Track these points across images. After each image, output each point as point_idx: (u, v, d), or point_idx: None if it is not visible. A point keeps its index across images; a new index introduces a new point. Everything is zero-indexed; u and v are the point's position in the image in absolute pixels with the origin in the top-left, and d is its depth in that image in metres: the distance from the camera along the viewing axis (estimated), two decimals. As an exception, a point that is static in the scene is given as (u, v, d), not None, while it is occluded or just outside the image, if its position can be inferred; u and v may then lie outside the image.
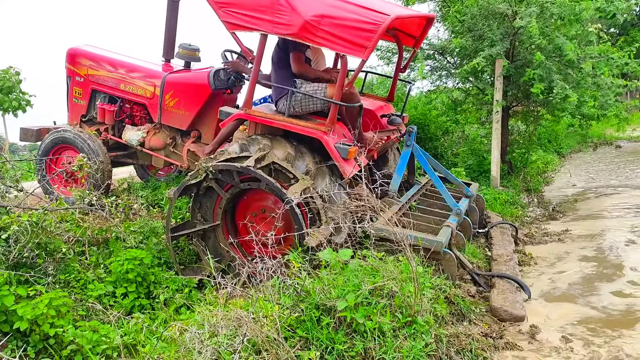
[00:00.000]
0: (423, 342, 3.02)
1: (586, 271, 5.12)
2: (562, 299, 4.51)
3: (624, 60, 7.21)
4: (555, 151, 13.66)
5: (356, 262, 3.40)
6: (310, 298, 3.11)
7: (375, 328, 2.97)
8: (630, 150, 14.65)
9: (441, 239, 4.39)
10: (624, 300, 4.40)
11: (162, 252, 4.80)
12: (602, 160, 13.13)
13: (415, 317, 3.12)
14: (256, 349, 2.75)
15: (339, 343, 2.91)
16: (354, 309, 3.00)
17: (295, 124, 4.50)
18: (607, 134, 17.98)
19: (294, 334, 2.96)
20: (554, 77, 6.94)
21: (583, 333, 3.85)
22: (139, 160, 6.58)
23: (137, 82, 6.19)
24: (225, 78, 5.83)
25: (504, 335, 3.74)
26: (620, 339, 3.74)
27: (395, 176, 5.28)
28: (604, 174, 11.07)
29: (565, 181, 10.44)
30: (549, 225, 7.11)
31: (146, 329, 3.48)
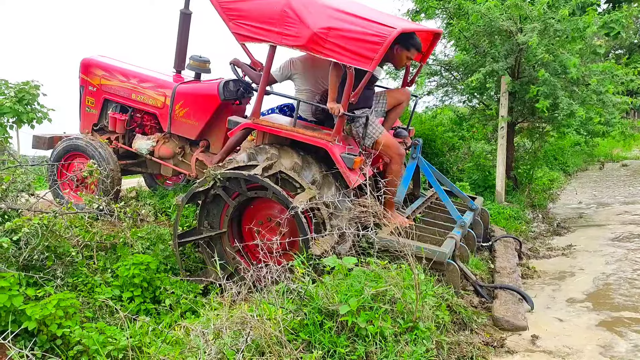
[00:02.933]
0: (424, 347, 3.06)
1: (589, 285, 5.13)
2: (565, 311, 4.52)
3: (629, 77, 7.27)
4: (561, 169, 13.65)
5: (359, 269, 3.45)
6: (313, 302, 3.16)
7: (377, 332, 3.02)
8: (637, 169, 14.63)
9: (445, 250, 4.44)
10: (623, 313, 4.41)
11: (169, 258, 4.87)
12: (608, 179, 13.13)
13: (416, 323, 3.16)
14: (260, 350, 2.80)
15: (341, 346, 2.96)
16: (356, 314, 3.04)
17: (302, 133, 4.58)
18: (613, 153, 17.97)
19: (297, 337, 3.01)
20: (559, 93, 7.01)
21: (584, 343, 3.86)
22: (148, 169, 6.68)
23: (149, 92, 6.32)
24: (234, 89, 5.95)
25: (505, 344, 3.76)
26: (621, 343, 3.76)
27: (400, 187, 5.34)
28: (610, 191, 11.08)
29: (570, 198, 10.45)
30: (553, 240, 7.12)
31: (151, 331, 3.54)
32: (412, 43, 4.78)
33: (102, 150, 6.06)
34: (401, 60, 4.87)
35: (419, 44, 4.84)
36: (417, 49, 4.84)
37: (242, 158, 4.66)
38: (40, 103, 9.94)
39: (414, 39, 4.80)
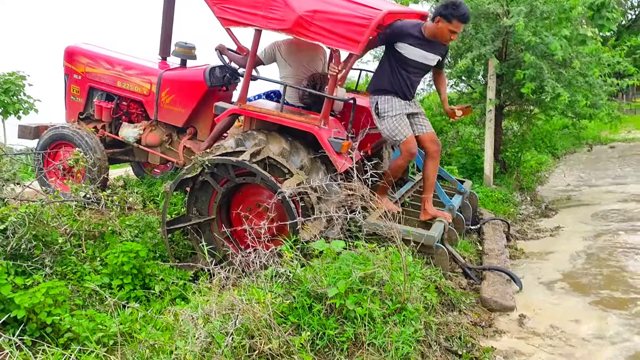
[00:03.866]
0: (412, 328, 3.09)
1: (577, 265, 5.20)
2: (552, 290, 4.58)
3: (616, 59, 7.30)
4: (549, 152, 13.74)
5: (347, 252, 3.46)
6: (302, 286, 3.18)
7: (365, 314, 3.04)
8: (624, 151, 14.76)
9: (433, 234, 4.47)
10: (611, 292, 4.48)
11: (157, 245, 4.86)
12: (596, 161, 13.24)
13: (405, 305, 3.19)
14: (249, 333, 2.81)
15: (329, 329, 2.98)
16: (344, 296, 3.07)
17: (289, 118, 4.57)
18: (601, 135, 18.11)
19: (286, 320, 3.02)
20: (545, 76, 7.03)
21: (571, 322, 3.93)
22: (135, 157, 6.64)
23: (134, 80, 6.26)
24: (220, 75, 5.91)
25: (493, 324, 3.82)
26: (608, 322, 3.82)
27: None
28: (598, 173, 11.18)
29: (558, 180, 10.54)
30: (541, 222, 7.19)
31: (141, 318, 3.55)
32: (453, 14, 4.33)
33: (89, 139, 6.02)
34: (444, 35, 4.47)
35: (461, 15, 4.34)
36: (460, 20, 4.35)
37: (230, 144, 4.64)
38: (26, 94, 9.86)
39: (456, 9, 4.32)
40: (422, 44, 4.58)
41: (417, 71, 4.77)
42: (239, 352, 2.74)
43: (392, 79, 4.71)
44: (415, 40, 4.56)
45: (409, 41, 4.56)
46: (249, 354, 2.74)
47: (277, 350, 2.65)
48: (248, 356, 2.73)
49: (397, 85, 4.71)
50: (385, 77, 4.77)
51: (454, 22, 4.36)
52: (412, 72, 4.73)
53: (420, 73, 4.86)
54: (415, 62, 4.67)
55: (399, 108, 4.73)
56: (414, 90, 4.89)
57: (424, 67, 4.78)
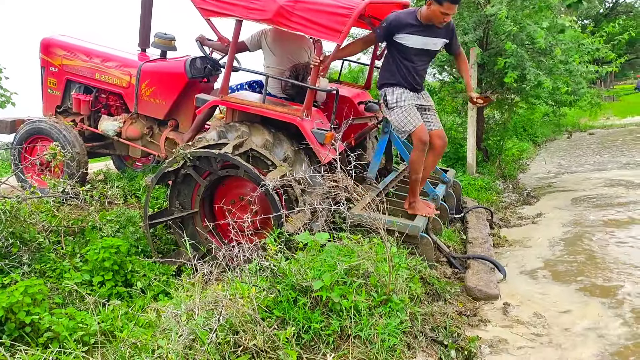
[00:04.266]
0: (398, 319, 3.08)
1: (559, 252, 5.24)
2: (536, 278, 4.61)
3: (595, 46, 7.36)
4: (530, 139, 13.88)
5: (332, 244, 3.43)
6: (286, 279, 3.14)
7: (351, 307, 3.02)
8: (603, 137, 14.96)
9: (418, 224, 4.47)
10: (594, 280, 4.52)
11: (139, 240, 4.79)
12: (576, 148, 13.40)
13: (390, 296, 3.18)
14: (233, 329, 2.78)
15: (315, 322, 2.95)
16: (329, 289, 3.04)
17: (271, 109, 4.51)
18: (581, 122, 18.35)
19: (271, 315, 2.99)
20: (527, 64, 7.05)
21: (555, 310, 3.95)
22: (115, 151, 6.53)
23: (113, 72, 6.14)
24: (201, 67, 5.82)
25: (478, 313, 3.83)
26: (591, 309, 3.86)
27: (372, 162, 5.34)
28: (577, 160, 11.31)
29: (540, 168, 10.63)
30: (524, 209, 7.25)
31: (123, 315, 3.49)
32: None
33: (67, 132, 5.90)
34: (437, 17, 4.38)
35: None
36: (451, 1, 4.29)
37: (212, 136, 4.57)
38: (2, 87, 9.63)
39: None
40: (421, 30, 4.52)
41: (421, 59, 4.70)
42: (224, 349, 2.70)
43: (397, 71, 4.67)
44: (413, 28, 4.50)
45: (407, 30, 4.50)
46: (234, 349, 2.70)
47: (262, 345, 2.62)
48: (233, 352, 2.70)
49: (403, 77, 4.66)
50: (390, 70, 4.73)
51: (445, 4, 4.30)
52: (416, 62, 4.67)
53: (425, 60, 4.79)
54: (417, 50, 4.60)
55: (408, 98, 4.68)
56: (421, 80, 4.83)
57: (428, 53, 4.71)
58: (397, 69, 4.67)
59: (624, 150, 12.23)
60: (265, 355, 2.67)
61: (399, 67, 4.66)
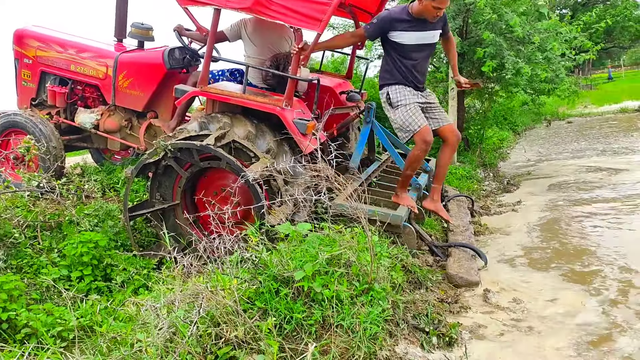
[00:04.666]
0: (380, 307, 3.08)
1: (539, 238, 5.31)
2: (515, 265, 4.66)
3: (573, 35, 7.42)
4: (510, 128, 14.01)
5: (314, 234, 3.42)
6: (268, 270, 3.12)
7: (332, 296, 3.01)
8: (581, 125, 15.16)
9: (400, 213, 4.47)
10: (572, 266, 4.58)
11: (119, 234, 4.72)
12: (555, 136, 13.56)
13: (372, 285, 3.18)
14: (215, 321, 2.75)
15: (297, 312, 2.94)
16: (311, 279, 3.02)
17: (252, 99, 4.46)
18: (559, 111, 18.57)
19: (253, 306, 2.97)
20: (505, 53, 7.09)
21: (534, 296, 4.00)
22: (93, 144, 6.41)
23: (88, 63, 6.02)
24: (180, 57, 5.73)
25: (459, 300, 3.86)
26: (569, 296, 3.91)
27: (355, 152, 5.32)
28: (556, 147, 11.45)
29: (519, 156, 10.74)
30: (504, 197, 7.32)
31: (103, 309, 3.44)
32: None
33: (43, 126, 5.77)
34: (430, 12, 4.31)
35: None
36: None
37: (194, 127, 4.51)
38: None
39: None
40: (414, 25, 4.43)
41: (419, 56, 4.59)
42: (205, 341, 2.68)
43: (397, 70, 4.57)
44: (407, 24, 4.42)
45: (401, 27, 4.42)
46: (215, 341, 2.68)
47: (243, 336, 2.60)
48: (214, 344, 2.68)
49: (404, 76, 4.57)
50: (389, 70, 4.64)
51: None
52: (415, 58, 4.56)
53: (424, 56, 4.66)
54: (414, 46, 4.51)
55: (411, 97, 4.58)
56: (423, 78, 4.73)
57: (426, 48, 4.60)
58: (396, 68, 4.58)
59: (600, 138, 12.42)
60: (247, 346, 2.65)
61: (398, 66, 4.56)
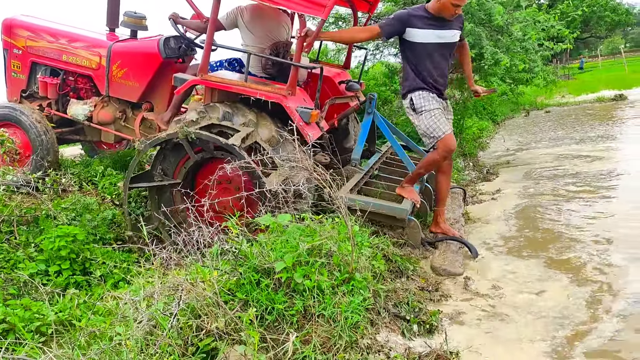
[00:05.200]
0: (361, 297, 3.09)
1: (517, 226, 5.38)
2: (495, 253, 4.72)
3: (550, 23, 7.49)
4: (489, 118, 14.12)
5: (294, 225, 3.41)
6: (248, 261, 3.12)
7: (314, 286, 3.02)
8: (558, 115, 15.35)
9: (405, 207, 4.45)
10: (549, 253, 4.65)
11: (97, 228, 4.66)
12: (533, 125, 13.71)
13: (353, 274, 3.19)
14: (195, 313, 2.74)
15: (278, 303, 2.94)
16: (292, 269, 3.03)
17: (255, 88, 4.40)
18: (538, 101, 18.78)
19: (234, 297, 2.96)
20: (484, 43, 7.13)
21: (512, 281, 4.06)
22: (86, 137, 6.27)
23: (81, 53, 5.87)
24: (176, 46, 5.61)
25: (439, 288, 3.90)
26: (548, 284, 3.98)
27: (357, 144, 5.28)
28: (534, 136, 11.59)
29: (499, 145, 10.85)
30: (483, 186, 7.40)
31: (82, 304, 3.41)
32: None
33: (34, 118, 5.60)
34: (448, 9, 4.21)
35: None
36: None
37: (192, 117, 4.43)
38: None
39: None
40: (432, 23, 4.31)
41: (439, 56, 4.44)
42: (186, 333, 2.66)
43: (417, 76, 4.47)
44: (424, 21, 4.29)
45: (418, 24, 4.29)
46: (196, 333, 2.67)
47: (224, 328, 2.60)
48: (195, 336, 2.67)
49: (424, 81, 4.45)
50: (409, 77, 4.54)
51: None
52: (435, 58, 4.41)
53: (444, 56, 4.50)
54: (433, 45, 4.36)
55: (435, 103, 4.50)
56: (444, 82, 4.62)
57: (445, 47, 4.46)
58: (416, 73, 4.47)
59: (576, 127, 12.61)
60: (228, 337, 2.64)
61: (418, 71, 4.45)
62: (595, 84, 22.44)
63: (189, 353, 2.58)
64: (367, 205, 4.28)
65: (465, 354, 3.00)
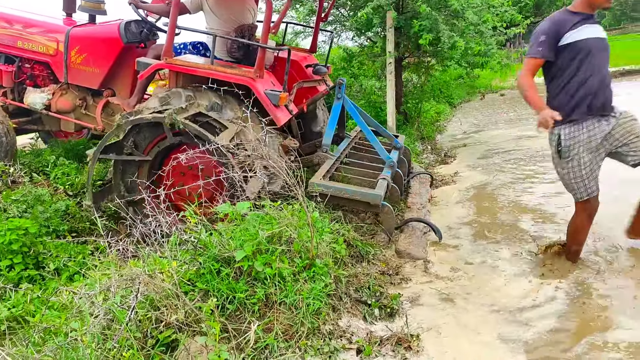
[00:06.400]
0: (322, 283, 3.11)
1: (474, 208, 5.49)
2: (454, 236, 4.81)
3: (504, 8, 7.63)
4: (447, 102, 14.34)
5: (253, 213, 3.39)
6: (208, 251, 3.08)
7: (275, 274, 3.01)
8: (513, 97, 15.70)
9: (380, 192, 4.45)
10: (505, 235, 4.78)
11: (50, 220, 4.50)
12: (489, 108, 14.00)
13: (313, 261, 3.20)
14: (154, 305, 2.69)
15: (239, 292, 2.92)
16: (252, 258, 3.01)
17: (221, 71, 4.30)
18: (493, 84, 19.15)
19: (194, 288, 2.93)
20: (441, 27, 7.20)
21: (470, 264, 4.15)
22: (45, 126, 6.00)
23: (37, 39, 5.61)
24: (137, 31, 5.42)
25: (400, 272, 3.95)
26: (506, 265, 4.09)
27: (327, 129, 5.26)
28: (490, 119, 11.84)
29: (456, 128, 11.04)
30: (442, 169, 7.52)
31: (36, 299, 3.30)
32: None
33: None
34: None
35: None
36: None
37: (154, 104, 4.31)
38: None
39: None
40: (583, 19, 3.48)
41: (599, 57, 3.48)
42: (145, 325, 2.62)
43: (572, 95, 3.49)
44: (576, 18, 3.48)
45: (571, 22, 3.47)
46: (156, 325, 2.63)
47: (184, 319, 2.56)
48: (155, 328, 2.62)
49: (582, 97, 3.46)
50: (560, 99, 3.55)
51: None
52: (596, 60, 3.46)
53: (605, 58, 3.53)
54: (592, 41, 3.46)
55: (587, 144, 3.52)
56: (609, 93, 3.53)
57: (602, 45, 3.51)
58: (570, 89, 3.50)
59: (525, 109, 12.92)
60: (188, 329, 2.61)
61: (573, 85, 3.49)
62: (548, 67, 22.99)
63: (149, 346, 2.54)
64: (341, 191, 4.29)
65: (425, 336, 3.06)
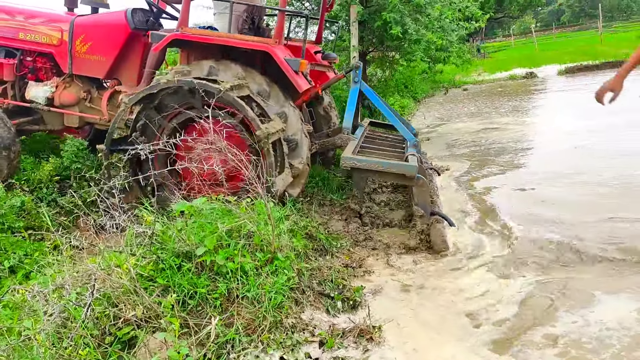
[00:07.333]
0: (285, 276, 3.10)
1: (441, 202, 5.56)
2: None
3: (465, 4, 7.75)
4: (411, 96, 14.50)
5: (209, 205, 3.34)
6: (168, 245, 3.03)
7: (237, 268, 2.98)
8: (475, 92, 15.99)
9: (415, 164, 4.43)
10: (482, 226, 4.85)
11: (5, 216, 4.36)
12: (452, 102, 14.21)
13: (275, 254, 3.18)
14: (112, 302, 2.64)
15: (201, 287, 2.89)
16: (214, 252, 2.98)
17: (240, 39, 4.25)
18: (456, 79, 19.47)
19: (154, 283, 2.88)
20: (407, 20, 7.27)
21: (433, 255, 4.21)
22: (47, 126, 5.67)
23: (40, 29, 5.39)
24: (143, 19, 5.28)
25: (363, 265, 3.97)
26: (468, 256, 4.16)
27: (347, 113, 5.28)
28: (453, 112, 12.03)
29: (420, 122, 11.16)
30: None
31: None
32: None
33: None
34: None
35: None
36: None
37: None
38: None
39: None
40: None
41: None
42: (103, 323, 2.56)
43: None
44: None
45: None
46: (114, 322, 2.57)
47: (142, 315, 2.52)
48: (113, 325, 2.57)
49: None
50: None
51: None
52: None
53: None
54: None
55: None
56: None
57: None
58: None
59: (487, 103, 13.21)
60: (147, 325, 2.57)
61: None
62: (509, 63, 23.49)
63: (106, 343, 2.49)
64: (376, 164, 4.31)
65: (387, 327, 3.08)
